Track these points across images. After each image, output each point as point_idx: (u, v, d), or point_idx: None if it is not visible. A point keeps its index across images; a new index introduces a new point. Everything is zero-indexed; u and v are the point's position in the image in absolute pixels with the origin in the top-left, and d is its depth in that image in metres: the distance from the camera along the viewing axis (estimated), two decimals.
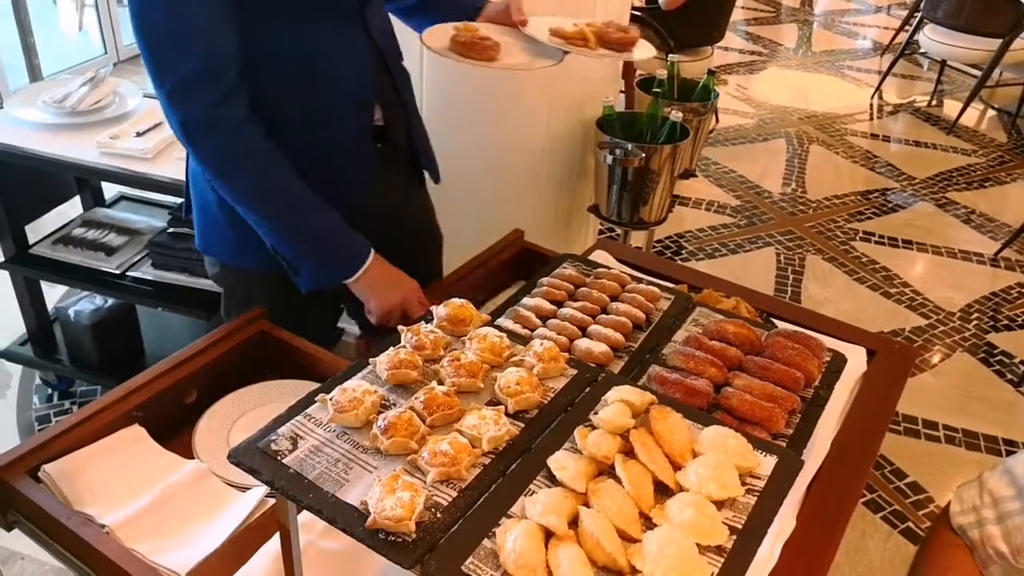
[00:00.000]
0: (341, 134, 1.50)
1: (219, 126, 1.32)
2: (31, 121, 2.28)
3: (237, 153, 1.35)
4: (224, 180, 1.38)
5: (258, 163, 1.37)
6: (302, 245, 1.44)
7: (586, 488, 0.86)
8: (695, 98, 2.68)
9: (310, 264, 1.45)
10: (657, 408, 0.96)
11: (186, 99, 1.29)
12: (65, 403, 2.65)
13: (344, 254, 1.46)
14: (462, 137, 2.26)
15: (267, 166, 1.37)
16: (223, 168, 1.37)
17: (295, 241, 1.43)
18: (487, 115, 2.30)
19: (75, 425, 1.29)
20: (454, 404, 0.95)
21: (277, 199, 1.40)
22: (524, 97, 2.29)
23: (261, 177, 1.38)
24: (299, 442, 0.91)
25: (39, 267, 2.42)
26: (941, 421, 2.78)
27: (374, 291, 1.48)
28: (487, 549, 0.80)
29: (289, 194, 1.40)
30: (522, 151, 2.37)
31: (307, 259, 1.45)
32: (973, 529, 1.14)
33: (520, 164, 2.38)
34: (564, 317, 1.26)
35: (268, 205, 1.40)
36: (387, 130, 1.58)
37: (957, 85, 5.73)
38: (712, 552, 0.82)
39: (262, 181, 1.38)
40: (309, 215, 1.42)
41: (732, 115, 5.07)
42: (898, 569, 2.26)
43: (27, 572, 2.09)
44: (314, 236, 1.43)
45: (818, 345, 1.26)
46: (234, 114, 1.33)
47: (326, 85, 1.44)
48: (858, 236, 3.85)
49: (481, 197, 2.34)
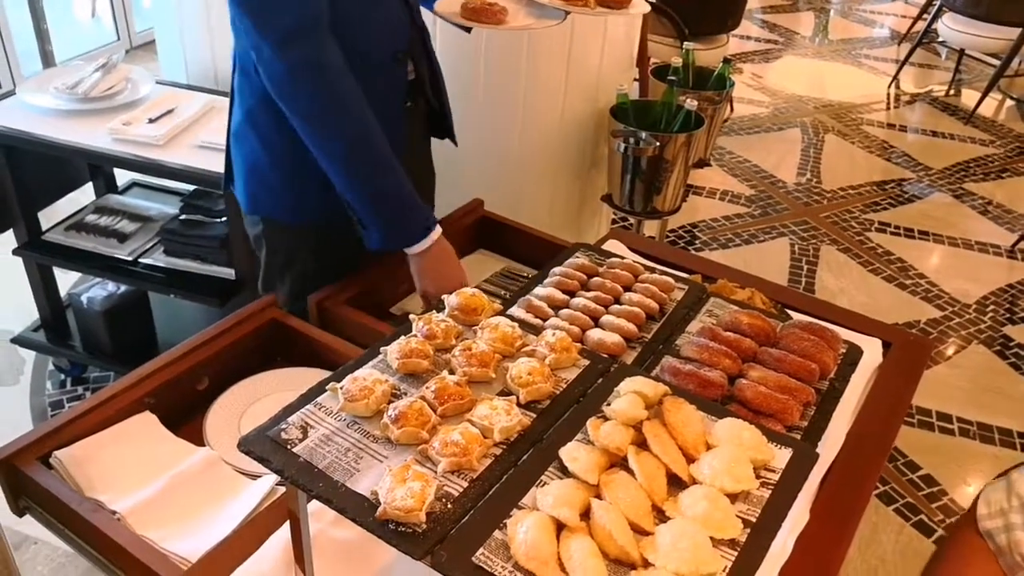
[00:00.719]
0: (377, 89, 1.50)
1: (324, 71, 1.35)
2: (44, 107, 2.28)
3: (339, 100, 1.37)
4: (323, 129, 1.39)
5: (356, 114, 1.39)
6: (381, 204, 1.45)
7: (598, 480, 0.85)
8: (710, 86, 2.66)
9: (383, 223, 1.46)
10: (671, 400, 0.94)
11: (293, 46, 1.33)
12: (78, 389, 2.66)
13: (414, 223, 1.48)
14: (475, 125, 2.25)
15: (365, 118, 1.40)
16: (325, 117, 1.38)
17: (376, 198, 1.45)
18: (501, 103, 2.29)
19: (87, 411, 1.29)
20: (465, 394, 0.94)
21: (368, 153, 1.42)
22: (539, 85, 2.27)
23: (359, 128, 1.40)
24: (309, 431, 0.91)
25: (52, 253, 2.42)
26: (955, 414, 2.76)
27: (431, 270, 1.51)
28: (498, 540, 0.80)
29: (381, 150, 1.42)
30: (536, 139, 2.36)
31: (382, 218, 1.46)
32: (1000, 534, 1.12)
33: (533, 152, 2.37)
34: (577, 307, 1.25)
35: (360, 158, 1.42)
36: (418, 84, 1.63)
37: (975, 75, 5.67)
38: (725, 545, 0.81)
39: (359, 133, 1.40)
40: (394, 175, 1.44)
41: (747, 104, 5.03)
42: (910, 562, 2.24)
43: (39, 557, 2.10)
44: (395, 196, 1.45)
45: (833, 337, 1.24)
46: (336, 60, 1.37)
47: (364, 36, 1.46)
48: (873, 227, 3.82)
49: (493, 186, 2.33)
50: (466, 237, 1.83)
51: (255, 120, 1.52)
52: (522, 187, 2.40)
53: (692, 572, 0.77)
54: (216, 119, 2.29)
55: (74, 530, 1.20)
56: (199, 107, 2.32)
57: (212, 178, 2.08)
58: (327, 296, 1.56)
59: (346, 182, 1.44)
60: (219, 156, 2.12)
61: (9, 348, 2.72)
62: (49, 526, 1.25)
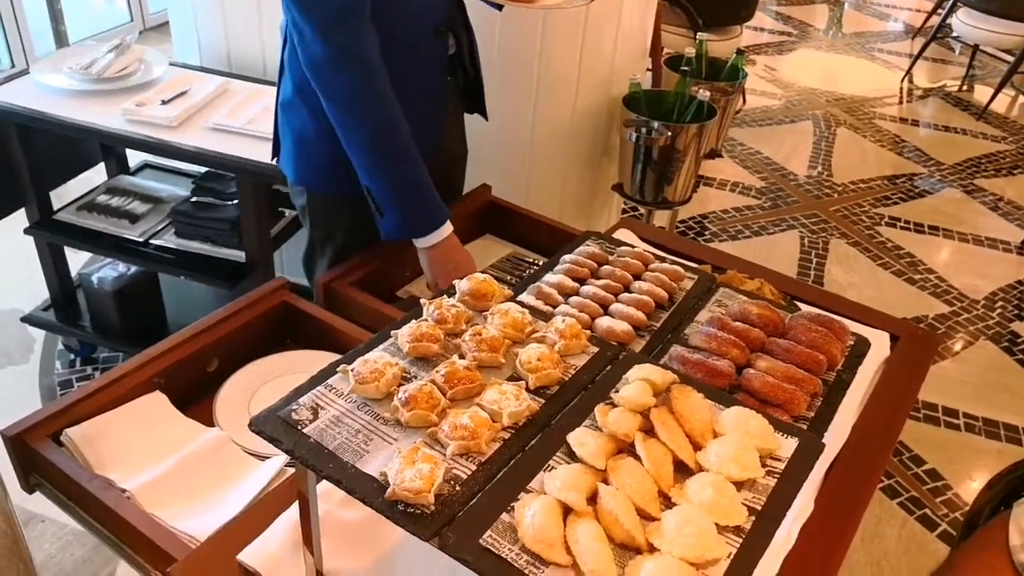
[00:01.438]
0: (419, 64, 1.56)
1: (361, 62, 1.40)
2: (57, 87, 2.29)
3: (370, 92, 1.41)
4: (351, 117, 1.44)
5: (384, 105, 1.43)
6: (397, 193, 1.49)
7: (605, 465, 0.86)
8: (723, 78, 2.65)
9: (397, 212, 1.50)
10: (678, 387, 0.95)
11: (333, 32, 1.36)
12: (87, 369, 2.67)
13: (429, 214, 1.52)
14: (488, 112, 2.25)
15: (392, 108, 1.44)
16: (353, 105, 1.43)
17: (396, 186, 1.49)
18: (515, 91, 2.29)
19: (97, 390, 1.30)
20: (475, 378, 0.95)
21: (392, 143, 1.46)
22: (552, 73, 2.27)
23: (385, 119, 1.44)
24: (320, 412, 0.91)
25: (63, 233, 2.44)
26: (962, 409, 2.76)
27: (443, 261, 1.54)
28: (505, 523, 0.80)
29: (404, 140, 1.46)
30: (548, 127, 2.35)
31: (397, 207, 1.50)
32: None
33: (545, 140, 2.37)
34: (586, 295, 1.26)
35: (383, 147, 1.46)
36: (457, 57, 1.68)
37: (989, 70, 5.63)
38: (730, 532, 0.82)
39: (385, 122, 1.44)
40: (414, 165, 1.48)
41: (760, 96, 5.01)
42: (913, 555, 2.25)
43: (48, 534, 2.12)
44: (414, 186, 1.49)
45: (842, 328, 1.24)
46: (372, 53, 1.41)
47: (406, 11, 1.50)
48: (883, 221, 3.81)
49: (505, 172, 2.33)
50: (473, 222, 1.85)
51: (306, 93, 1.54)
52: (533, 174, 2.40)
53: (697, 558, 0.77)
54: (229, 101, 2.30)
55: (84, 508, 1.22)
56: (212, 89, 2.33)
57: (224, 160, 2.08)
58: (334, 278, 1.57)
59: (368, 169, 1.48)
60: (231, 138, 2.13)
61: (19, 327, 2.73)
62: (59, 503, 1.26)
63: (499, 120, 2.30)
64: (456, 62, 1.69)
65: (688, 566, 0.77)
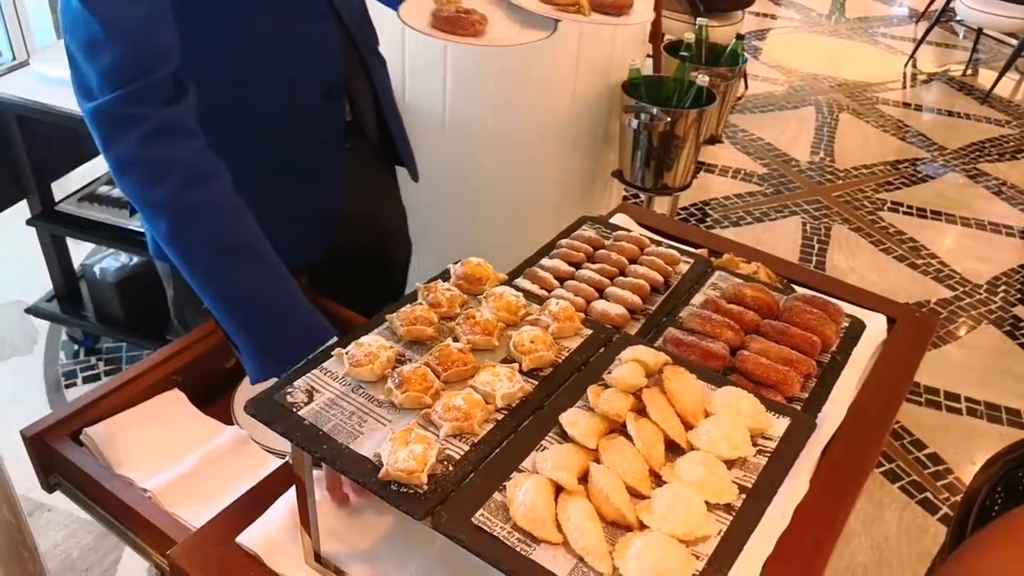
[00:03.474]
0: (307, 129, 1.33)
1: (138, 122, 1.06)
2: (57, 78, 2.29)
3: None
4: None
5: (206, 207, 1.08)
6: (243, 316, 1.11)
7: (597, 445, 0.86)
8: (723, 63, 2.64)
9: (248, 342, 1.11)
10: (671, 368, 0.95)
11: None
12: (91, 359, 2.69)
13: (300, 339, 1.08)
14: (487, 101, 2.25)
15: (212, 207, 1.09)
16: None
17: (235, 309, 1.11)
18: (513, 78, 2.28)
19: (115, 389, 1.29)
20: (468, 361, 0.95)
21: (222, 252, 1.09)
22: (552, 60, 2.26)
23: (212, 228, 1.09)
24: (315, 395, 0.92)
25: (65, 224, 2.45)
26: (963, 393, 2.76)
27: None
28: (497, 502, 0.81)
29: (240, 247, 1.10)
30: (547, 114, 2.35)
31: (247, 334, 1.11)
32: None
33: (545, 127, 2.37)
34: (582, 279, 1.26)
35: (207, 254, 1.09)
36: (357, 124, 1.42)
37: (993, 54, 5.61)
38: (721, 510, 0.82)
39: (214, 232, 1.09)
40: (258, 276, 1.10)
41: (761, 82, 5.00)
42: (914, 539, 2.26)
43: (53, 523, 2.14)
44: (262, 304, 1.11)
45: (836, 310, 1.25)
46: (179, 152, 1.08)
47: (285, 72, 1.27)
48: (886, 206, 3.81)
49: (505, 162, 2.34)
50: None
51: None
52: (533, 161, 2.40)
53: (687, 535, 0.78)
54: None
55: (105, 507, 1.20)
56: None
57: None
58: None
59: (199, 286, 1.11)
60: None
61: (23, 318, 2.75)
62: (79, 503, 1.24)
63: (497, 108, 2.31)
64: (355, 130, 1.42)
65: (677, 543, 0.77)
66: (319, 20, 1.29)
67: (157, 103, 1.05)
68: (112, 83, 1.03)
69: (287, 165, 1.33)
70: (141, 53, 1.04)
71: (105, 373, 2.64)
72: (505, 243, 1.76)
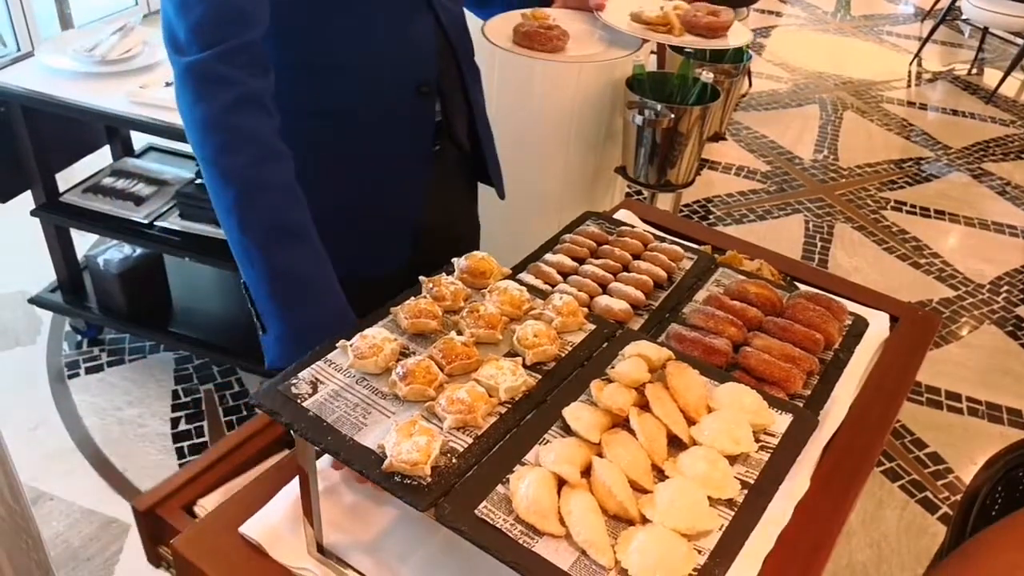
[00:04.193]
0: (396, 124, 1.32)
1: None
2: (62, 69, 2.30)
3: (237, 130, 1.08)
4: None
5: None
6: (277, 288, 1.11)
7: (600, 439, 0.87)
8: (727, 59, 2.64)
9: (280, 319, 1.12)
10: (673, 363, 0.96)
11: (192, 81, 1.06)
12: (94, 350, 2.69)
13: (319, 329, 1.06)
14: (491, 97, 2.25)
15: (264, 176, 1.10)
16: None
17: (273, 280, 1.11)
18: (516, 73, 2.28)
19: (226, 454, 1.24)
20: (472, 354, 0.96)
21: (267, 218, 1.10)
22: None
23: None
24: (319, 386, 0.92)
25: (69, 215, 2.45)
26: (965, 393, 2.76)
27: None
28: (500, 495, 0.81)
29: (285, 218, 1.11)
30: (551, 109, 2.35)
31: (280, 312, 1.12)
32: None
33: (548, 123, 2.37)
34: (585, 274, 1.26)
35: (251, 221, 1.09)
36: (447, 125, 1.41)
37: (999, 53, 5.60)
38: (723, 505, 0.83)
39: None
40: (300, 250, 1.12)
41: (766, 79, 4.99)
42: (914, 538, 2.26)
43: (56, 512, 2.14)
44: (297, 281, 1.11)
45: (840, 308, 1.25)
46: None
47: (381, 63, 1.27)
48: (889, 205, 3.81)
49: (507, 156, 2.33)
50: None
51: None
52: (536, 157, 2.40)
53: (689, 529, 0.78)
54: None
55: None
56: None
57: None
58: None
59: (239, 260, 1.12)
60: None
61: (27, 309, 2.76)
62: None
63: (502, 102, 2.31)
64: (444, 130, 1.40)
65: (679, 537, 0.78)
66: (419, 16, 1.29)
67: (247, 71, 1.06)
68: (201, 39, 1.04)
69: (374, 160, 1.32)
70: (227, 14, 1.05)
71: (108, 364, 2.64)
72: (509, 238, 1.76)
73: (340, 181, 1.29)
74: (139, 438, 2.38)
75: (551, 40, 1.42)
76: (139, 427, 2.42)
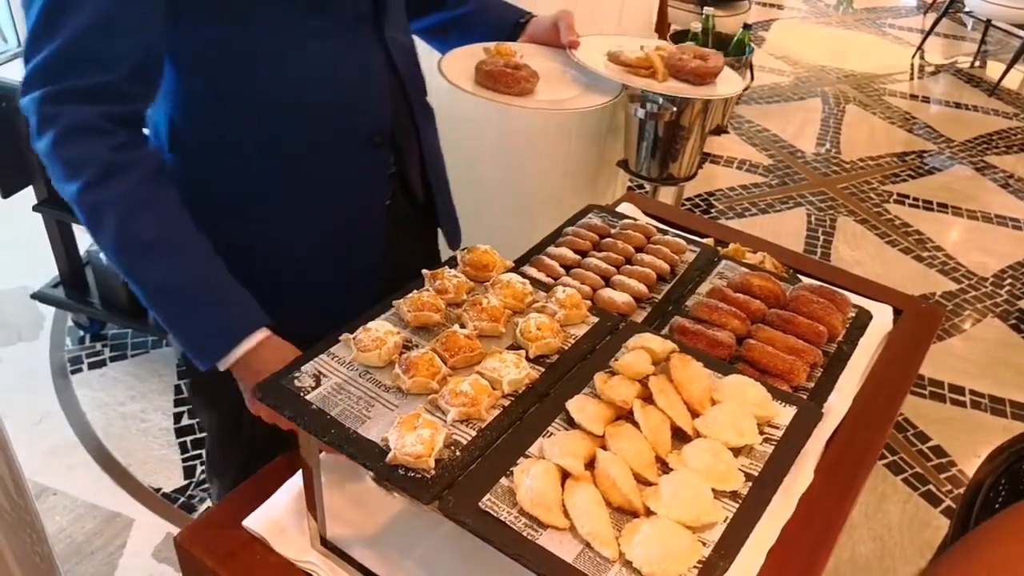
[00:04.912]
0: (343, 182, 1.21)
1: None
2: None
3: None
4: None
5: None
6: (161, 301, 1.07)
7: (604, 431, 0.87)
8: (729, 53, 2.63)
9: (172, 327, 1.09)
10: (677, 356, 0.96)
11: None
12: (96, 345, 2.69)
13: (215, 329, 1.06)
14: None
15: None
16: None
17: (155, 294, 1.07)
18: None
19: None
20: (475, 347, 0.96)
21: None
22: None
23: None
24: (322, 380, 0.92)
25: (71, 210, 2.44)
26: (968, 386, 2.76)
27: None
28: (504, 487, 0.81)
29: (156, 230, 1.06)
30: None
31: (171, 321, 1.08)
32: None
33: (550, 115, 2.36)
34: (588, 267, 1.26)
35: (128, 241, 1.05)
36: (399, 176, 1.29)
37: (1001, 46, 5.58)
38: (727, 497, 0.82)
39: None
40: (170, 261, 1.06)
41: (768, 73, 4.98)
42: (916, 531, 2.26)
43: (59, 507, 2.15)
44: (176, 291, 1.06)
45: (843, 301, 1.25)
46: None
47: (326, 105, 1.16)
48: (892, 198, 3.80)
49: (510, 150, 2.33)
50: None
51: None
52: (539, 150, 2.40)
53: (693, 521, 0.78)
54: None
55: None
56: None
57: None
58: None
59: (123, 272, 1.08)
60: None
61: (29, 304, 2.76)
62: None
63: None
64: (398, 182, 1.29)
65: (684, 529, 0.78)
66: (368, 53, 1.18)
67: (77, 103, 1.01)
68: (41, 78, 1.01)
69: (326, 213, 1.23)
70: (76, 54, 1.00)
71: (110, 359, 2.64)
72: (511, 231, 1.76)
73: (293, 232, 1.20)
74: (142, 433, 2.38)
75: (518, 82, 1.27)
76: (142, 422, 2.42)
